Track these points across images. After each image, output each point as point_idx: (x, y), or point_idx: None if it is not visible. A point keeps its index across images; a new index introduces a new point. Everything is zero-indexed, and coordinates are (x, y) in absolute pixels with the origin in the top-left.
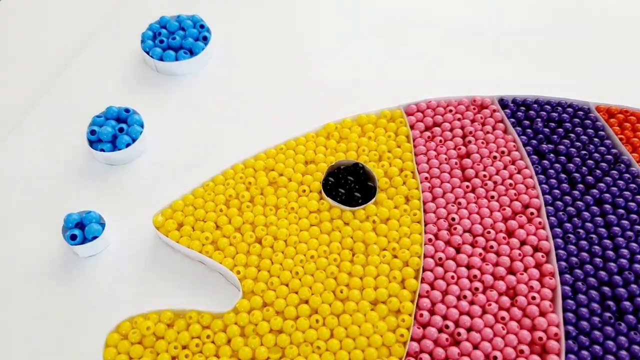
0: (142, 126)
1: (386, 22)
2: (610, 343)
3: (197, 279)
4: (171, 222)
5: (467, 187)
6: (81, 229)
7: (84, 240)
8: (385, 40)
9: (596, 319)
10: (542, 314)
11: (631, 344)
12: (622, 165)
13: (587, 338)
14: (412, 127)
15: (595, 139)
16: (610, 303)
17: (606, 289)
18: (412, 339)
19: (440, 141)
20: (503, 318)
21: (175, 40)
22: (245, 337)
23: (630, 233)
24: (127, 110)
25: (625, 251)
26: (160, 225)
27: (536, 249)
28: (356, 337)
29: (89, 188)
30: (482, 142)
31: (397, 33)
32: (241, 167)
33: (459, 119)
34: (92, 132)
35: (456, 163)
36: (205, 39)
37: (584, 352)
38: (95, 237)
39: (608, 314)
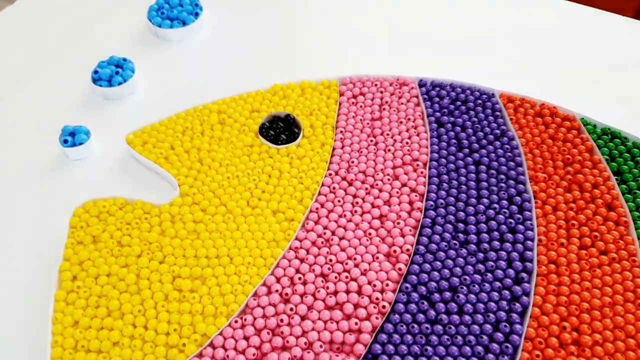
0: (133, 72)
1: (351, 9)
2: (450, 261)
3: (149, 182)
4: (138, 140)
5: (371, 141)
6: (72, 137)
7: (74, 145)
8: (344, 24)
9: (444, 244)
10: (403, 235)
11: (466, 264)
12: (506, 138)
13: (433, 256)
14: (342, 94)
15: (490, 117)
16: (460, 235)
17: (461, 225)
18: (296, 238)
19: (361, 106)
20: (370, 234)
21: (173, 12)
22: (172, 222)
23: (495, 188)
24: (124, 60)
25: (486, 200)
26: (130, 141)
27: (413, 191)
28: (255, 232)
29: (87, 113)
30: (395, 111)
31: (358, 20)
32: (200, 108)
33: (381, 92)
34: (95, 72)
35: (368, 123)
36: (197, 14)
37: (427, 265)
38: (81, 143)
39: (454, 242)
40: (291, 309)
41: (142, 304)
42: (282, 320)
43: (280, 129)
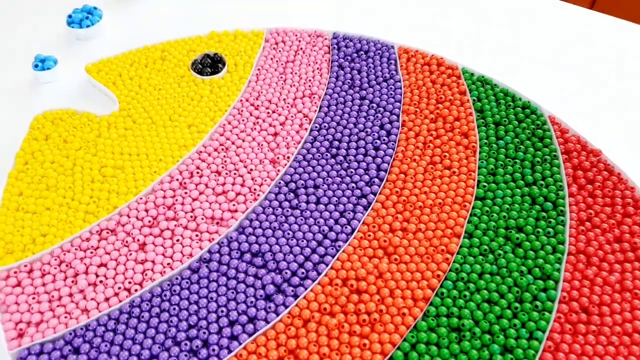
0: (100, 17)
1: None
2: (319, 167)
3: (99, 101)
4: (95, 69)
5: (281, 77)
6: (42, 63)
7: (43, 70)
8: None
9: (318, 154)
10: (287, 147)
11: (332, 170)
12: (392, 80)
13: (307, 163)
14: (266, 40)
15: (385, 65)
16: (334, 149)
17: (336, 142)
18: (202, 145)
19: (279, 51)
20: (262, 145)
21: None
22: (108, 128)
23: (371, 117)
24: (95, 8)
25: (361, 126)
26: (88, 70)
27: (305, 116)
28: (170, 139)
29: (61, 49)
30: (307, 56)
31: None
32: (148, 47)
33: (299, 41)
34: (70, 16)
35: (282, 64)
36: None
37: (300, 169)
38: (49, 69)
39: (327, 154)
40: (185, 193)
41: (73, 183)
42: (177, 200)
43: (208, 65)
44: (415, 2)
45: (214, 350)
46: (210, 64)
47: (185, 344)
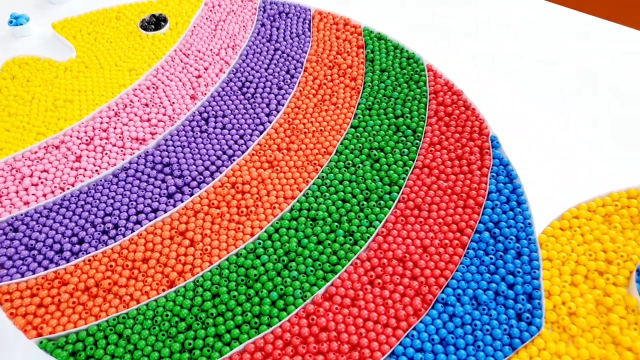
0: None
1: None
2: (226, 98)
3: (61, 51)
4: (60, 26)
5: (212, 32)
6: (16, 20)
7: (16, 25)
8: None
9: (228, 89)
10: (200, 76)
11: (233, 95)
12: (304, 35)
13: (220, 99)
14: (205, 4)
15: (300, 23)
16: (245, 89)
17: (243, 78)
18: (138, 84)
19: (215, 12)
20: (182, 80)
21: None
22: (65, 71)
23: (278, 62)
24: None
25: (267, 66)
26: (54, 26)
27: (222, 59)
28: (113, 80)
29: (35, 10)
30: (236, 16)
31: None
32: (107, 9)
33: (232, 4)
34: None
35: (215, 23)
36: None
37: (210, 102)
38: (22, 24)
39: (240, 92)
40: (118, 120)
41: (29, 112)
42: (110, 125)
43: (153, 23)
44: None
45: (120, 230)
46: (155, 22)
47: (100, 226)
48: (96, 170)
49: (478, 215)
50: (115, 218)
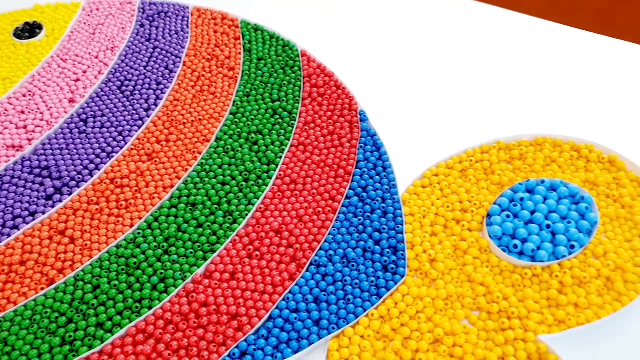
0: None
1: None
2: (115, 100)
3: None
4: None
5: (90, 37)
6: None
7: None
8: None
9: (111, 92)
10: (83, 88)
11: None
12: (182, 32)
13: (99, 99)
14: (83, 9)
15: (179, 21)
16: (124, 88)
17: (127, 82)
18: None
19: (93, 17)
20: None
21: None
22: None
23: (160, 61)
24: None
25: (150, 67)
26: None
27: (104, 64)
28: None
29: None
30: (115, 19)
31: None
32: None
33: (110, 8)
34: None
35: (93, 27)
36: None
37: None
38: None
39: (119, 91)
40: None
41: None
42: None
43: (27, 30)
44: None
45: None
46: (29, 30)
47: None
48: None
49: (348, 182)
50: None
